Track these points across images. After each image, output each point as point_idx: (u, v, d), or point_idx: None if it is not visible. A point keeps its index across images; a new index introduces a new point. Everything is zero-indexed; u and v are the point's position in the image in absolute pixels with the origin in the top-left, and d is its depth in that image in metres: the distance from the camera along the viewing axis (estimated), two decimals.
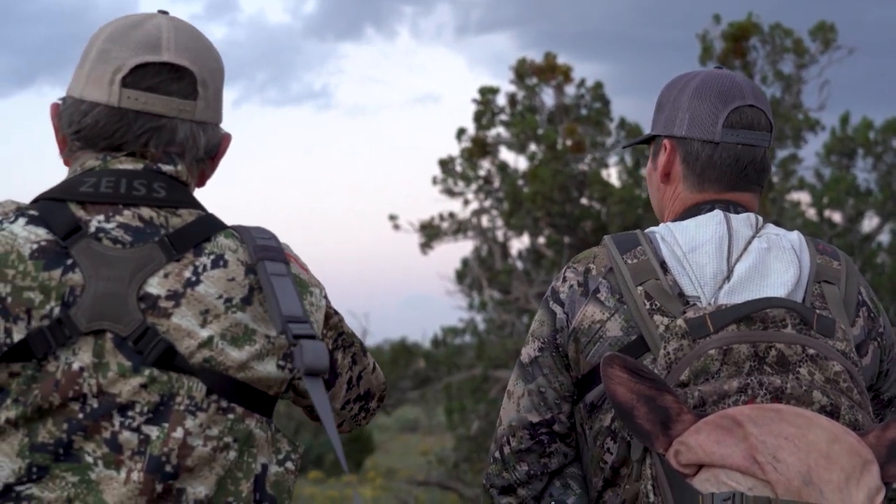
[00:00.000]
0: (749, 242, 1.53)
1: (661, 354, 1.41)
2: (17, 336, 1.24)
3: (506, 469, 1.60)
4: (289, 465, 1.35)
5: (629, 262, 1.52)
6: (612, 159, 10.39)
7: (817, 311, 1.45)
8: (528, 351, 1.59)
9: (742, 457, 1.29)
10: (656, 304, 1.48)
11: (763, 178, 1.64)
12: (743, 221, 1.56)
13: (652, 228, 1.60)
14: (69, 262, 1.27)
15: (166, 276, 1.29)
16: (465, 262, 11.98)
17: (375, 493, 13.18)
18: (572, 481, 1.59)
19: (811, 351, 1.39)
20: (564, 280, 1.58)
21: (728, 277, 1.49)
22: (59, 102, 1.41)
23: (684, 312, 1.44)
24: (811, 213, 10.94)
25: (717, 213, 1.56)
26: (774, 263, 1.52)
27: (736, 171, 1.61)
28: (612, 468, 1.50)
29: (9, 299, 1.25)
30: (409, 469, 16.18)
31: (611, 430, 1.50)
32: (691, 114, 1.62)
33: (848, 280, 1.56)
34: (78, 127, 1.37)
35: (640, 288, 1.49)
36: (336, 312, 1.48)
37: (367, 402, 1.57)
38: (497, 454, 1.60)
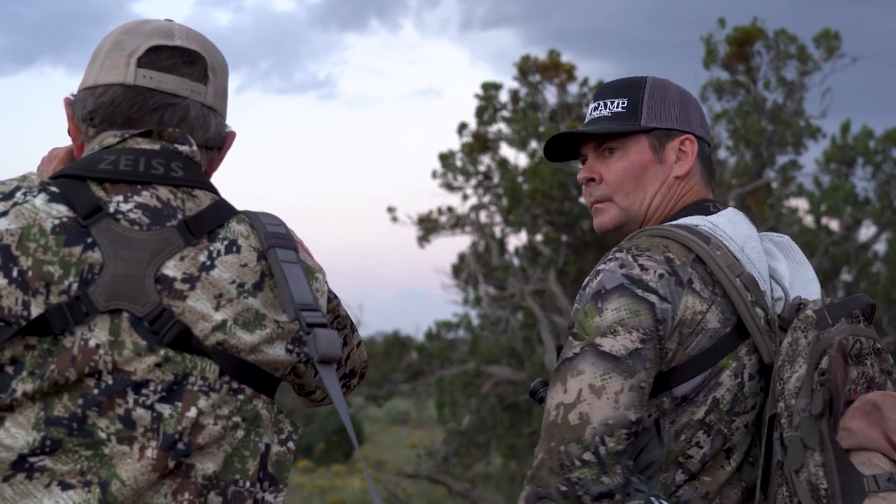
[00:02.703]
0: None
1: (791, 340, 1.50)
2: (35, 310, 1.25)
3: (605, 473, 1.44)
4: (290, 444, 1.38)
5: (716, 253, 1.53)
6: None
7: None
8: (622, 342, 1.46)
9: (883, 439, 1.42)
10: (753, 296, 1.53)
11: None
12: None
13: (690, 220, 1.59)
14: (89, 240, 1.29)
15: (182, 259, 1.32)
16: (461, 257, 12.00)
17: (364, 484, 13.20)
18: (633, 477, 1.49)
19: (878, 345, 1.53)
20: (644, 268, 1.50)
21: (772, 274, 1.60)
22: (71, 97, 1.45)
23: (773, 305, 1.55)
24: (808, 219, 10.96)
25: (738, 211, 1.63)
26: (801, 260, 1.65)
27: (713, 175, 1.74)
28: (702, 462, 1.50)
29: (29, 273, 1.26)
30: (399, 461, 16.20)
31: (704, 423, 1.50)
32: (699, 116, 1.70)
33: None
34: (94, 107, 1.39)
35: (738, 279, 1.52)
36: (335, 296, 1.52)
37: (350, 379, 1.64)
38: (590, 456, 1.44)
